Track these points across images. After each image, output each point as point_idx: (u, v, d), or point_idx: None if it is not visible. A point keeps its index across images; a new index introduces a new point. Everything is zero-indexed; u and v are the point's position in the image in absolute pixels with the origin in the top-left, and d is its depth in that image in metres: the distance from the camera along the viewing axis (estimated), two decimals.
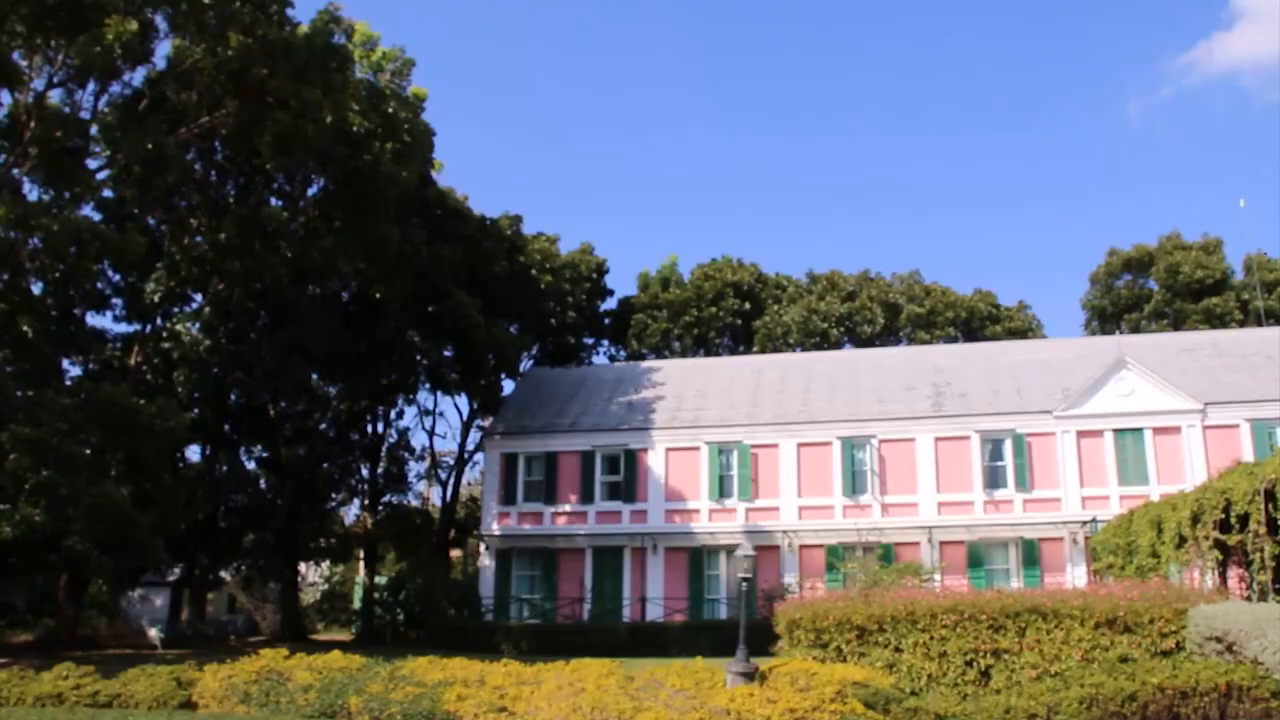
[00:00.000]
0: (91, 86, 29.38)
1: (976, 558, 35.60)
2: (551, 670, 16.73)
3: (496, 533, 38.87)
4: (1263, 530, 18.14)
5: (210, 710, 17.38)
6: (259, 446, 44.30)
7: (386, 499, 49.31)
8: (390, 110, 34.55)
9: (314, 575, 56.99)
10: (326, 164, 32.71)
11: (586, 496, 38.70)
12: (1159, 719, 13.12)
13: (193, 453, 41.80)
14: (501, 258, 46.16)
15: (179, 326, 34.49)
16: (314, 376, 41.94)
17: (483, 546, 39.60)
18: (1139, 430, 36.14)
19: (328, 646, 22.01)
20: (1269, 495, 17.98)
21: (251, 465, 44.39)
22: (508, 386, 48.11)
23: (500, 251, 46.26)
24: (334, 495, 47.49)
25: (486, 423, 46.41)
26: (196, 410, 37.81)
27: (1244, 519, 19.07)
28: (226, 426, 42.10)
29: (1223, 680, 13.19)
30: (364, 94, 33.61)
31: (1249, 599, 18.69)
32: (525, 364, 50.70)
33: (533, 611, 37.78)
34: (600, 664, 16.78)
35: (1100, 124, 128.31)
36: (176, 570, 44.33)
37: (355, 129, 32.20)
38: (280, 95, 29.58)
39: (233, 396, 41.04)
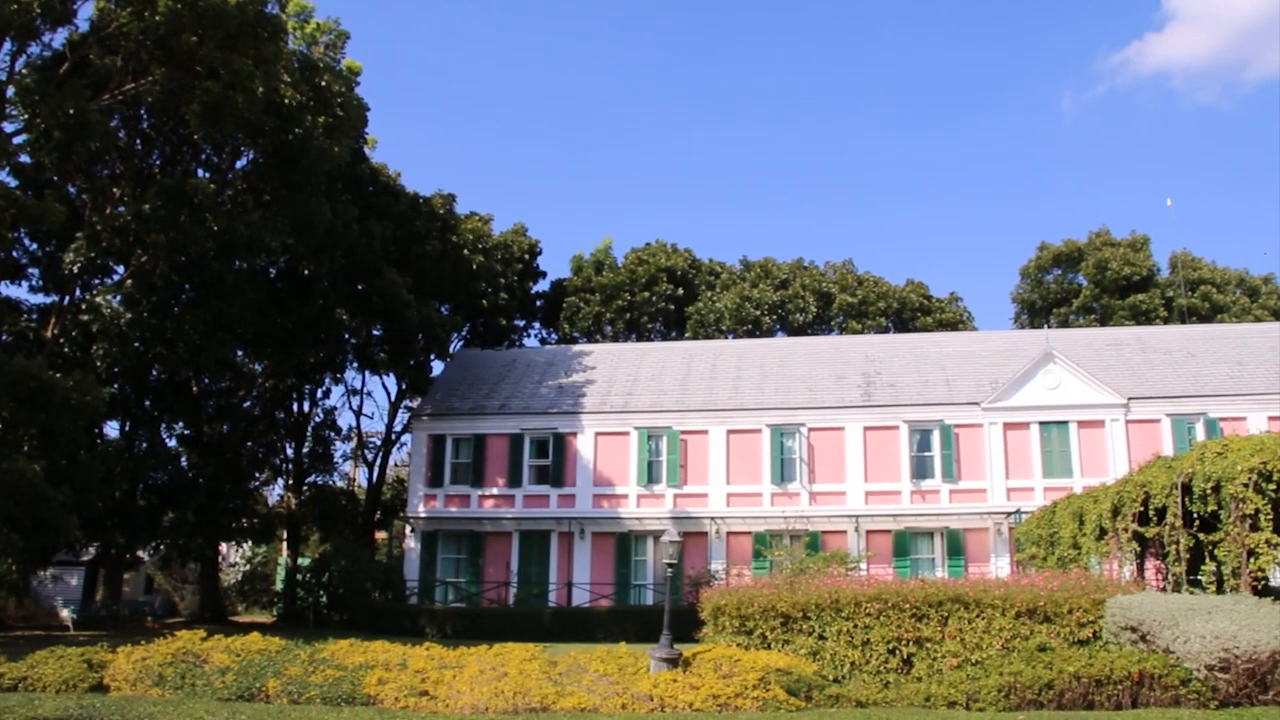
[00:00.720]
0: (8, 46, 28.29)
1: (902, 547, 35.97)
2: (474, 654, 16.56)
3: (423, 515, 38.52)
4: (1179, 523, 18.45)
5: (123, 693, 16.92)
6: (180, 423, 43.33)
7: (311, 479, 48.61)
8: (323, 83, 33.85)
9: (235, 556, 56.01)
10: (256, 136, 32.00)
11: (514, 480, 38.49)
12: (1074, 706, 13.27)
13: (111, 429, 40.94)
14: (433, 237, 45.65)
15: (99, 299, 33.59)
16: (239, 353, 41.14)
17: (408, 529, 39.22)
18: (1064, 423, 36.73)
19: (248, 629, 21.58)
20: (1186, 489, 18.28)
21: (172, 443, 43.43)
22: (437, 367, 47.77)
23: (432, 230, 45.76)
24: (257, 474, 46.70)
25: (415, 403, 45.99)
26: (116, 385, 36.94)
27: (1161, 512, 19.39)
28: (147, 402, 41.18)
29: (1136, 669, 13.38)
30: (296, 66, 32.90)
31: (1164, 590, 19.03)
32: (455, 345, 50.33)
33: (458, 595, 37.53)
34: (523, 648, 16.65)
35: (1035, 119, 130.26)
36: (91, 549, 43.36)
37: (287, 101, 31.51)
38: (210, 64, 28.80)
39: (154, 372, 40.11)
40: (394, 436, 49.63)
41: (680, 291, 56.94)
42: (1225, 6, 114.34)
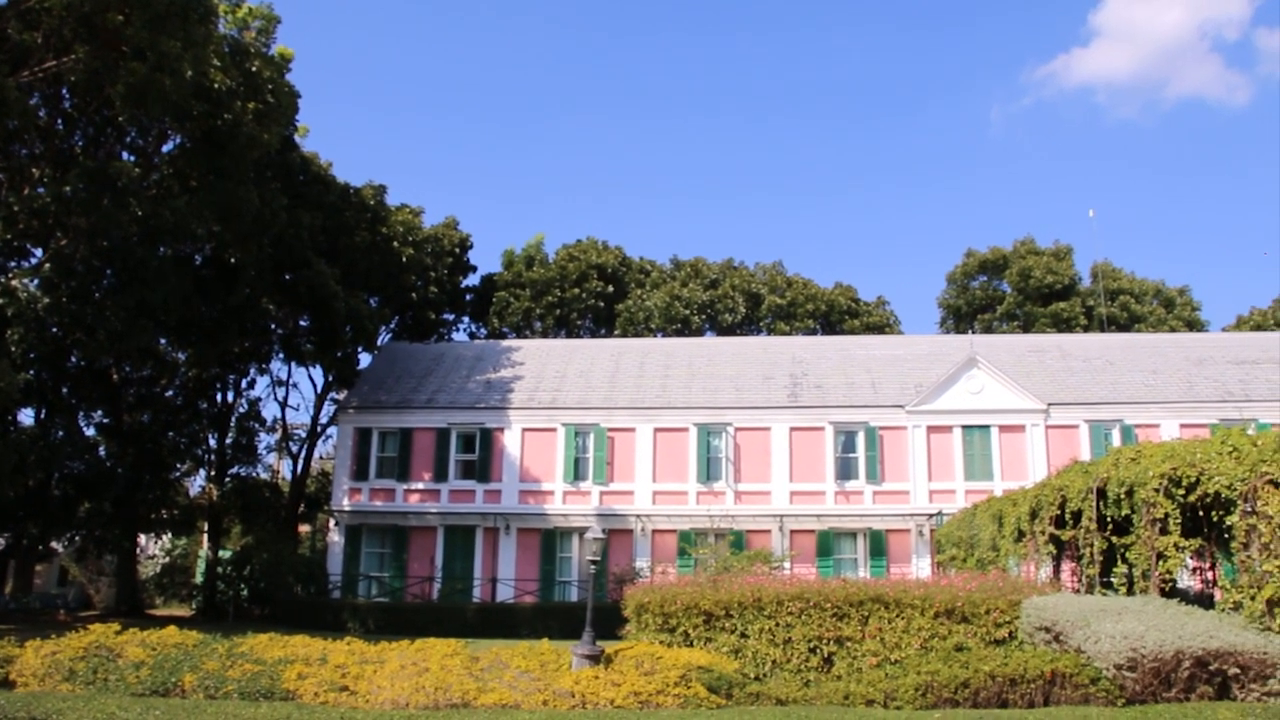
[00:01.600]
0: None
1: (826, 547, 36.34)
2: (395, 649, 16.42)
3: (347, 508, 38.14)
4: (1093, 526, 18.89)
5: (30, 689, 16.49)
6: (99, 412, 42.48)
7: (234, 470, 47.90)
8: (254, 69, 33.28)
9: (154, 548, 54.98)
10: (184, 120, 31.35)
11: (440, 474, 38.26)
12: (989, 704, 13.51)
13: (26, 416, 39.91)
14: (363, 228, 45.20)
15: (15, 282, 32.67)
16: (162, 341, 40.38)
17: (332, 522, 38.79)
18: (986, 427, 37.36)
19: (165, 622, 21.21)
20: (1101, 493, 18.71)
21: (91, 431, 42.58)
22: (365, 360, 47.24)
23: (362, 221, 45.31)
24: (178, 465, 45.94)
25: (341, 396, 45.52)
26: (31, 372, 36.02)
27: (1077, 515, 19.84)
28: (64, 390, 40.27)
29: (1048, 668, 13.66)
30: (227, 50, 32.29)
31: (1079, 591, 19.46)
32: (383, 337, 49.87)
33: (381, 590, 37.20)
34: (445, 644, 16.54)
35: (964, 127, 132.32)
36: (2, 540, 42.30)
37: (216, 86, 30.92)
38: (136, 44, 28.11)
39: (73, 358, 39.16)
40: (319, 429, 49.07)
41: (610, 289, 57.00)
42: (1148, 26, 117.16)
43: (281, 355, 46.69)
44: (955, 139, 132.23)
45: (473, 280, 57.43)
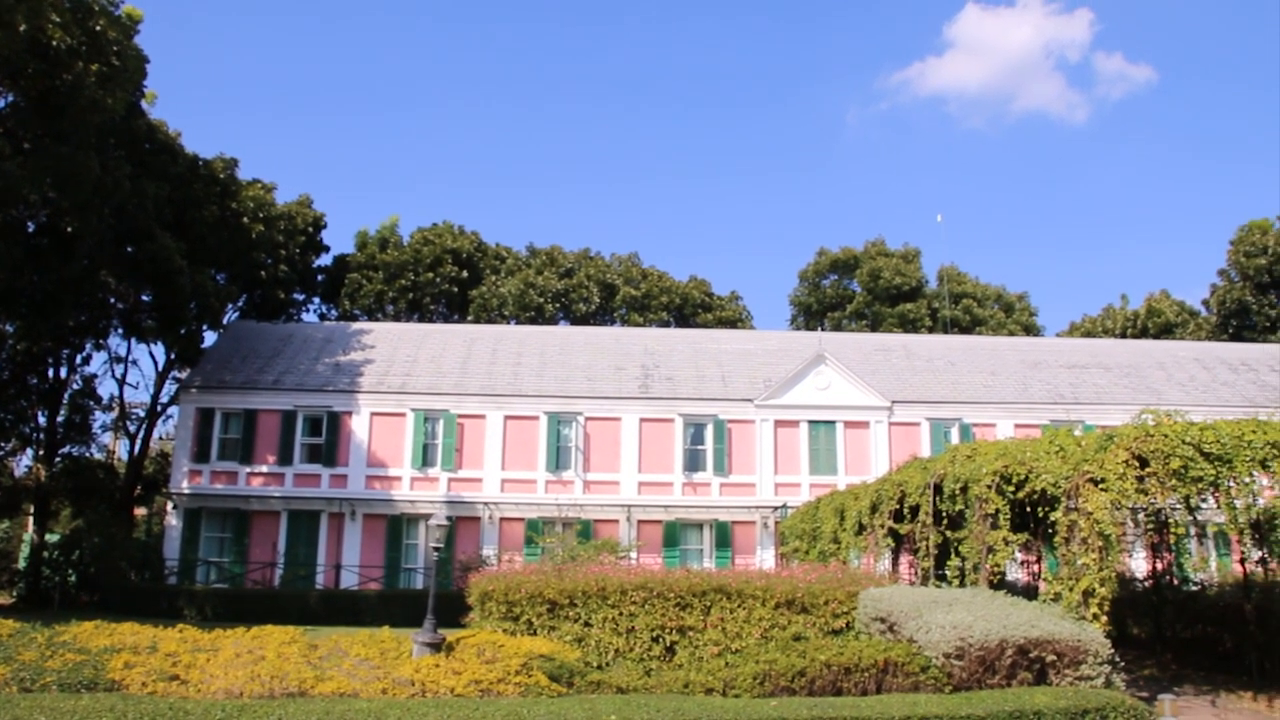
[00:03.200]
0: None
1: (673, 537, 36.70)
2: (231, 637, 15.90)
3: (187, 491, 36.87)
4: (930, 521, 19.55)
5: None
6: None
7: (65, 450, 45.76)
8: (98, 28, 31.67)
9: None
10: (17, 78, 29.74)
11: (285, 458, 37.33)
12: (824, 692, 13.80)
13: None
14: (212, 202, 43.61)
15: None
16: None
17: (171, 505, 37.43)
18: (832, 423, 38.24)
19: None
20: (937, 489, 19.37)
21: None
22: (210, 338, 45.65)
23: (211, 195, 43.71)
24: (3, 443, 43.68)
25: (184, 375, 43.95)
26: None
27: (915, 510, 20.50)
28: None
29: (881, 657, 14.05)
30: (67, 6, 30.73)
31: (915, 583, 20.10)
32: (230, 315, 48.27)
33: (221, 576, 36.08)
34: (283, 631, 16.11)
35: (821, 128, 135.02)
36: None
37: (55, 44, 29.37)
38: None
39: None
40: (160, 408, 47.22)
41: (465, 274, 56.47)
42: (998, 41, 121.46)
43: (121, 331, 44.74)
44: (812, 139, 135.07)
45: (325, 260, 56.14)
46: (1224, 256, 58.42)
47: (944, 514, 19.48)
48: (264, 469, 37.29)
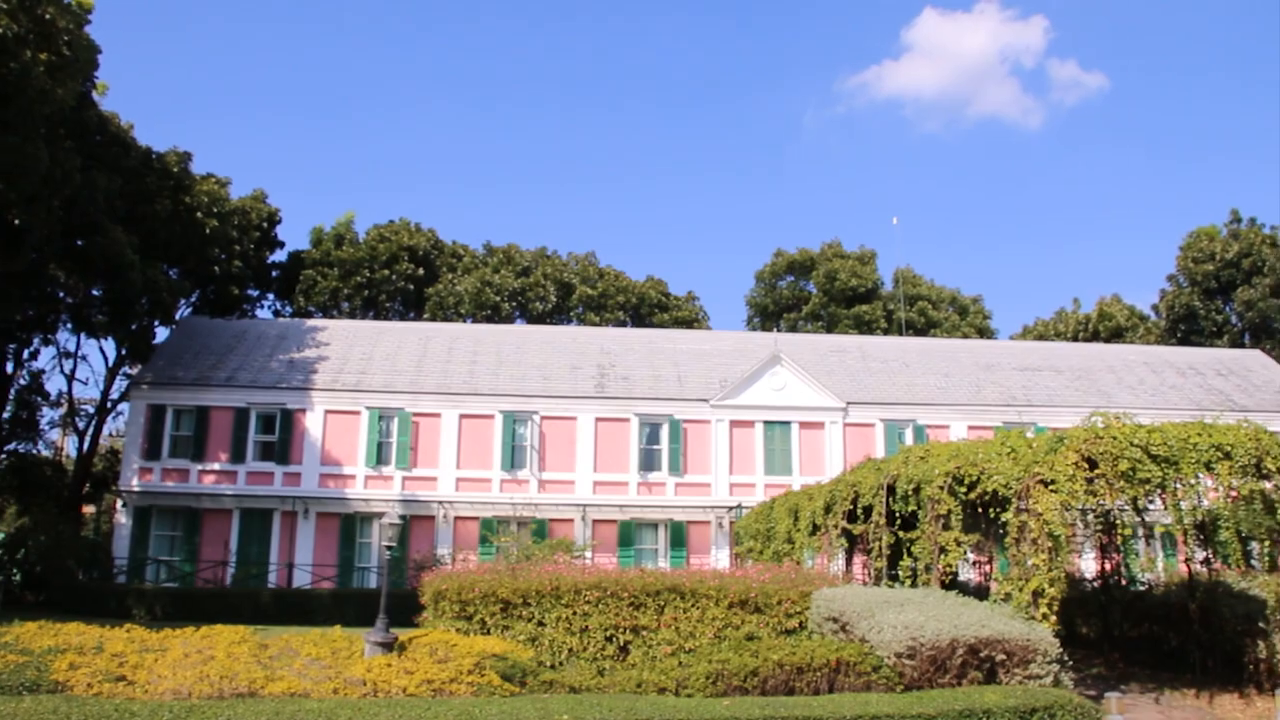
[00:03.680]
0: None
1: (628, 537, 36.71)
2: (180, 637, 15.71)
3: (137, 489, 36.36)
4: (883, 521, 19.68)
5: None
6: None
7: (11, 446, 45.05)
8: (47, 16, 31.08)
9: None
10: None
11: (238, 455, 36.92)
12: (776, 692, 13.87)
13: None
14: (165, 196, 42.98)
15: None
16: None
17: (120, 503, 36.90)
18: (787, 423, 38.42)
19: None
20: (891, 490, 19.49)
21: None
22: (162, 334, 45.06)
23: (164, 189, 43.09)
24: None
25: (135, 371, 43.36)
26: None
27: (869, 510, 20.62)
28: None
29: (834, 656, 14.13)
30: None
31: (868, 584, 20.23)
32: (183, 311, 47.62)
33: (172, 575, 35.59)
34: (233, 630, 15.95)
35: (778, 129, 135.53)
36: None
37: (1, 32, 28.92)
38: None
39: None
40: (110, 405, 46.57)
41: (421, 272, 56.15)
42: (954, 46, 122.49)
43: (70, 326, 44.06)
44: (769, 140, 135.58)
45: (280, 256, 55.52)
46: (1173, 262, 59.27)
47: (897, 514, 19.62)
48: (216, 467, 36.87)
